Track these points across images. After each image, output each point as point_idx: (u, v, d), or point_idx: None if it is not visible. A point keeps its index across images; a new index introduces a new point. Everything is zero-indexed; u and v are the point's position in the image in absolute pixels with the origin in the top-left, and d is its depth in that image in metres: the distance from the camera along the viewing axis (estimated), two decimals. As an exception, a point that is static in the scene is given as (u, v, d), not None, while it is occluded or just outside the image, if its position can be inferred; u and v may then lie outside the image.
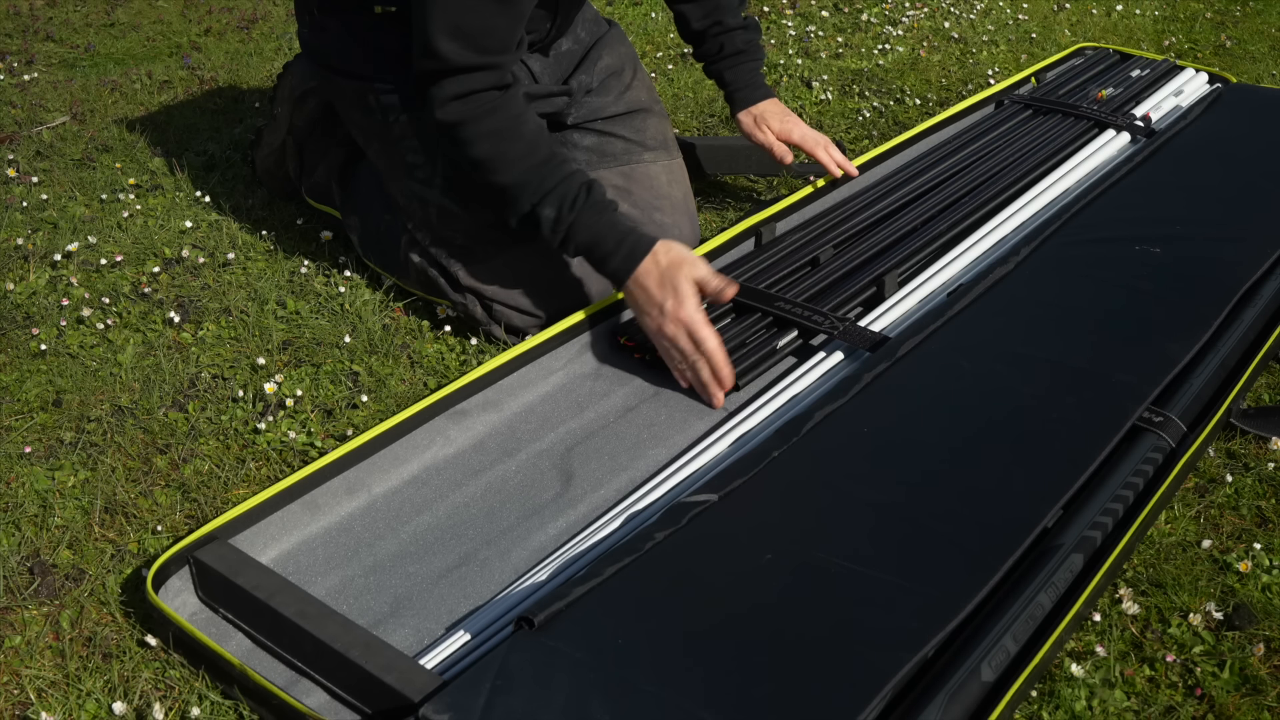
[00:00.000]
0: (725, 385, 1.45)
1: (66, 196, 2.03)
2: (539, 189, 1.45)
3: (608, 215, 1.46)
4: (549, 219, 1.45)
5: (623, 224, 1.47)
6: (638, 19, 2.94)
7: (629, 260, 1.45)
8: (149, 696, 1.11)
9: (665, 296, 1.43)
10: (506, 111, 1.45)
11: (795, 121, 1.84)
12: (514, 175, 1.45)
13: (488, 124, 1.44)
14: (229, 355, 1.62)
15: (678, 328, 1.43)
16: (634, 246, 1.45)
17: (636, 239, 1.45)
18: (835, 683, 0.98)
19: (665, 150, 1.75)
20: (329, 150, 1.86)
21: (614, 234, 1.45)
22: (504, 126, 1.45)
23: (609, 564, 1.10)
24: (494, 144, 1.45)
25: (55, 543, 1.29)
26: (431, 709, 0.96)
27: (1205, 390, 1.39)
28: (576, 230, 1.45)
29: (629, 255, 1.45)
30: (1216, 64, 2.60)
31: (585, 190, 1.45)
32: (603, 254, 1.45)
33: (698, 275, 1.45)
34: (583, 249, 1.47)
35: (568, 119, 1.70)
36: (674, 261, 1.45)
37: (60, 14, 2.96)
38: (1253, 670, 1.13)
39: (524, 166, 1.45)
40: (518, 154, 1.45)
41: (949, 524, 1.15)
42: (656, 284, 1.43)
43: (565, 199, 1.45)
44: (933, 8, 2.99)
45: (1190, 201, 1.76)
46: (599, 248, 1.45)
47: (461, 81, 1.43)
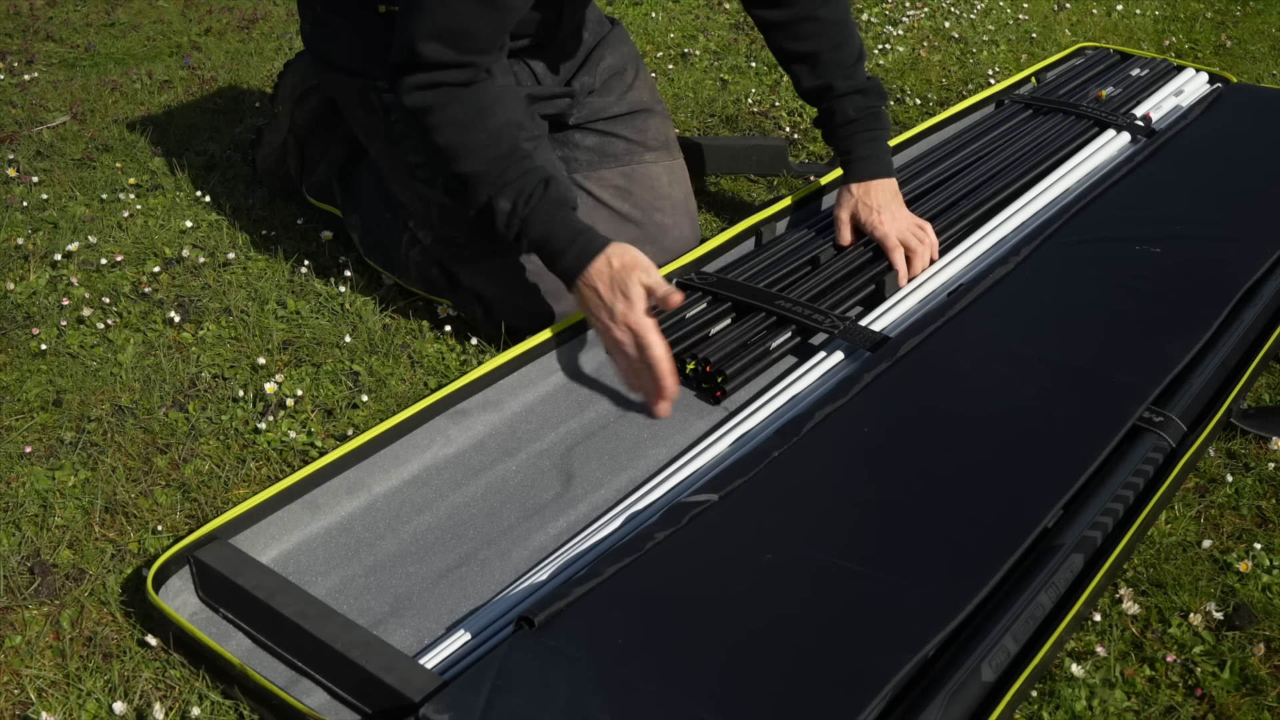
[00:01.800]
0: (668, 396, 1.43)
1: (67, 196, 2.03)
2: (497, 181, 1.44)
3: (563, 213, 1.45)
4: (504, 211, 1.44)
5: (577, 223, 1.45)
6: (638, 19, 2.93)
7: (580, 259, 1.43)
8: (149, 696, 1.11)
9: (615, 300, 1.41)
10: (473, 103, 1.44)
11: (889, 216, 1.68)
12: (474, 165, 1.44)
13: (453, 112, 1.43)
14: (229, 355, 1.62)
15: (625, 333, 1.41)
16: (586, 246, 1.43)
17: (590, 239, 1.44)
18: (835, 682, 0.98)
19: (666, 150, 1.75)
20: (330, 148, 1.86)
21: (567, 232, 1.44)
22: (469, 117, 1.44)
23: (609, 564, 1.10)
24: (457, 133, 1.44)
25: (55, 542, 1.29)
26: (432, 709, 0.96)
27: (1206, 390, 1.39)
28: (531, 225, 1.44)
29: (580, 254, 1.43)
30: (1217, 64, 2.60)
31: (543, 185, 1.44)
32: (555, 250, 1.44)
33: (648, 281, 1.42)
34: (536, 244, 1.45)
35: (570, 119, 1.70)
36: (626, 265, 1.42)
37: (60, 14, 2.96)
38: (1253, 670, 1.13)
39: (485, 157, 1.44)
40: (480, 144, 1.44)
41: (949, 524, 1.15)
42: (607, 286, 1.41)
43: (522, 193, 1.43)
44: (933, 7, 2.99)
45: (1190, 201, 1.76)
46: (552, 243, 1.44)
47: (433, 75, 1.42)
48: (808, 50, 1.66)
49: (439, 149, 1.45)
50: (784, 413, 1.40)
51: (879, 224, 1.67)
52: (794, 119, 2.35)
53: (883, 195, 1.69)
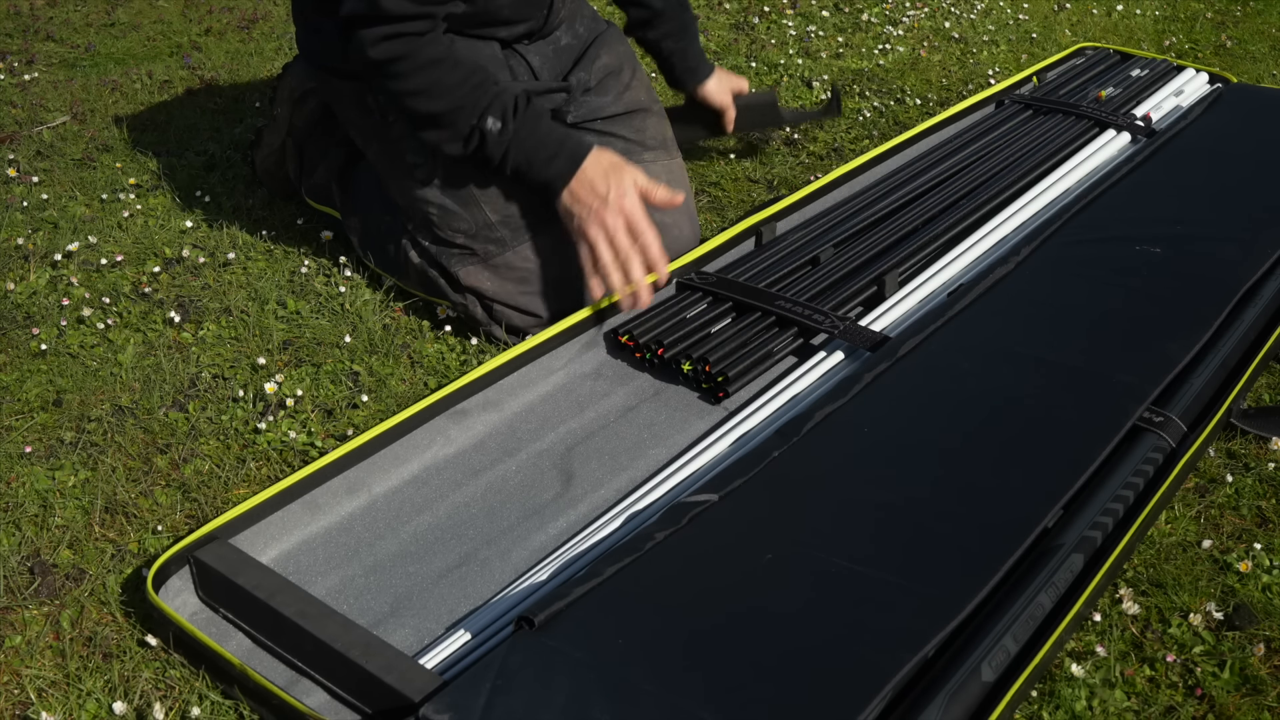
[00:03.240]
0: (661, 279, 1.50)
1: (67, 196, 2.03)
2: (477, 106, 1.46)
3: (547, 121, 1.48)
4: (494, 130, 1.46)
5: (562, 129, 1.49)
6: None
7: (573, 158, 1.47)
8: (149, 696, 1.11)
9: (609, 188, 1.45)
10: (439, 46, 1.46)
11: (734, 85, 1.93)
12: (453, 99, 1.46)
13: (423, 56, 1.45)
14: (229, 355, 1.62)
15: (618, 218, 1.45)
16: (576, 146, 1.48)
17: (578, 140, 1.49)
18: (835, 682, 0.98)
19: (665, 150, 1.75)
20: (329, 151, 1.86)
21: (555, 135, 1.48)
22: (440, 56, 1.46)
23: (609, 564, 1.10)
24: (429, 74, 1.46)
25: (55, 542, 1.29)
26: (431, 709, 0.96)
27: (1206, 390, 1.39)
28: (521, 136, 1.47)
29: (573, 154, 1.47)
30: (1217, 64, 2.60)
31: (525, 98, 1.48)
32: (546, 156, 1.47)
33: (640, 179, 1.47)
34: (525, 155, 1.48)
35: (567, 118, 1.70)
36: (617, 162, 1.48)
37: (61, 14, 2.96)
38: (1253, 670, 1.13)
39: (463, 90, 1.46)
40: (455, 80, 1.46)
41: (949, 524, 1.15)
42: (601, 176, 1.46)
43: (507, 108, 1.46)
44: (933, 8, 2.99)
45: (1190, 201, 1.76)
46: (543, 150, 1.47)
47: (396, 27, 1.44)
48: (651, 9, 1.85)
49: (411, 93, 1.47)
50: (784, 413, 1.40)
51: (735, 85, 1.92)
52: (794, 119, 2.35)
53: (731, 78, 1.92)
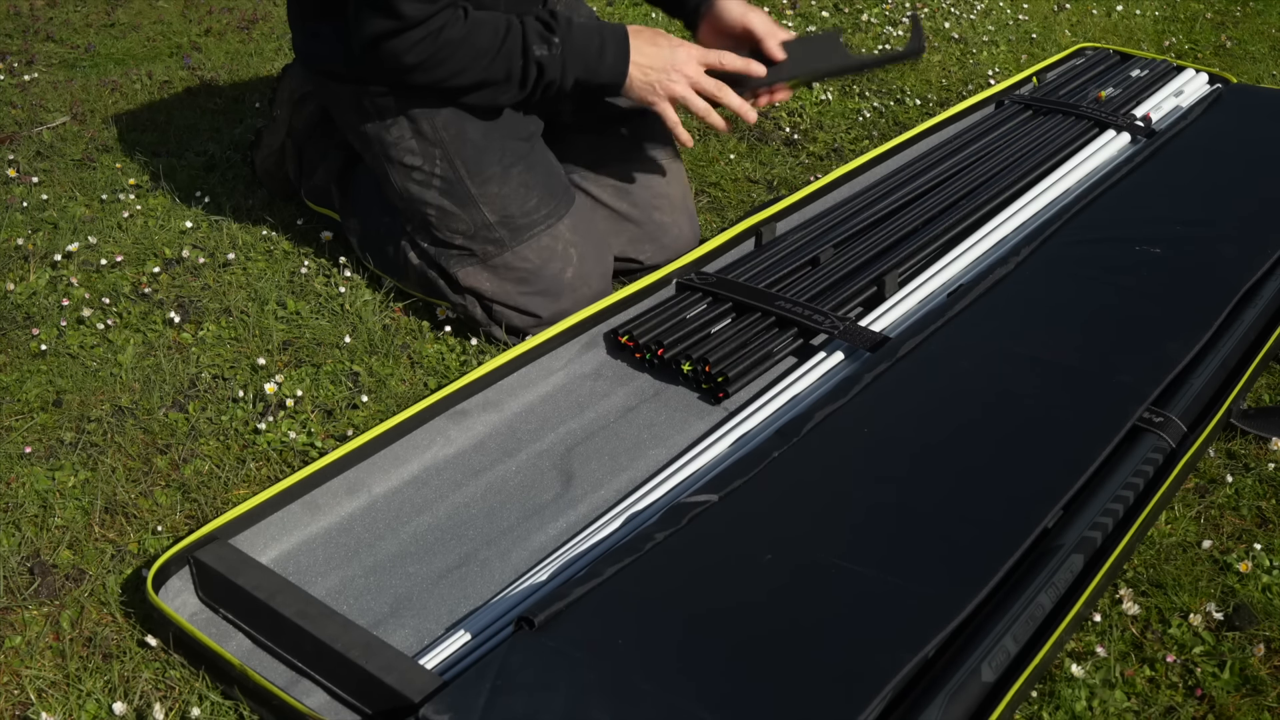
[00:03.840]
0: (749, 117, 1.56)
1: (67, 197, 2.03)
2: (521, 45, 1.48)
3: (576, 24, 1.51)
4: (545, 56, 1.49)
5: (590, 24, 1.52)
6: (638, 19, 2.93)
7: (620, 43, 1.51)
8: (149, 697, 1.11)
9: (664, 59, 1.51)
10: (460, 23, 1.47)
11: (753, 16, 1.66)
12: (494, 58, 1.48)
13: (452, 35, 1.46)
14: (229, 355, 1.62)
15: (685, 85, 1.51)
16: (615, 32, 1.51)
17: (612, 28, 1.52)
18: (835, 683, 0.98)
19: (664, 150, 1.75)
20: (328, 153, 1.86)
21: (592, 32, 1.51)
22: (465, 32, 1.47)
23: (609, 564, 1.10)
24: (464, 50, 1.47)
25: (55, 543, 1.29)
26: (431, 709, 0.96)
27: (1205, 391, 1.39)
28: (569, 48, 1.49)
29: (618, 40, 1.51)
30: (1217, 64, 2.60)
31: (548, 13, 1.51)
32: (596, 53, 1.50)
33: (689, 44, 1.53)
34: (581, 62, 1.50)
35: (565, 118, 1.70)
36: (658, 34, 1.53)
37: (60, 14, 2.96)
38: (1253, 671, 1.13)
39: (497, 44, 1.48)
40: (487, 40, 1.48)
41: (949, 524, 1.15)
42: (650, 46, 1.50)
43: (543, 32, 1.49)
44: (933, 8, 2.99)
45: (1190, 202, 1.76)
46: (590, 49, 1.50)
47: (423, 29, 1.45)
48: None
49: (455, 74, 1.49)
50: (784, 413, 1.40)
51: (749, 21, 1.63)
52: (794, 119, 2.35)
53: None
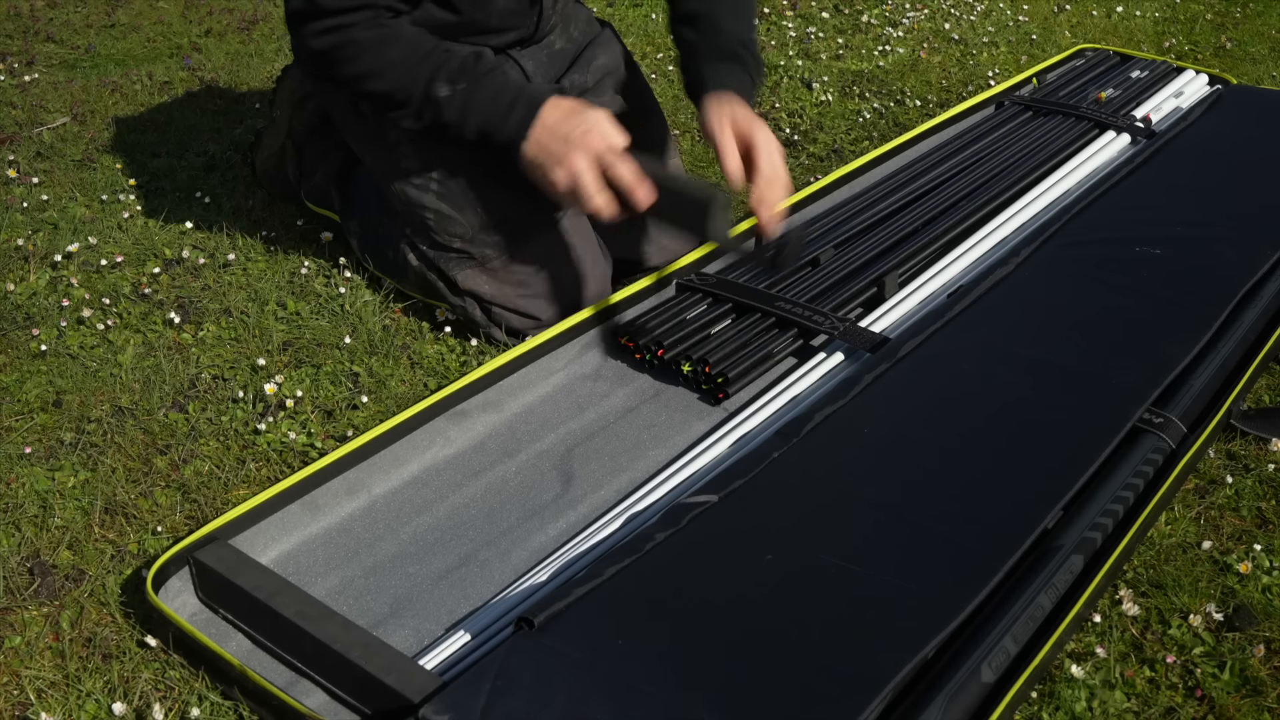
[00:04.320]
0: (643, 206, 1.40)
1: (67, 197, 2.03)
2: (428, 74, 1.42)
3: (499, 75, 1.43)
4: (444, 96, 1.42)
5: (516, 79, 1.44)
6: (638, 20, 2.94)
7: (530, 106, 1.40)
8: (149, 697, 1.11)
9: (571, 128, 1.39)
10: (380, 26, 1.43)
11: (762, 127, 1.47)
12: (401, 76, 1.43)
13: (364, 39, 1.43)
14: (229, 356, 1.62)
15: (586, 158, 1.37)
16: (533, 94, 1.42)
17: (534, 89, 1.43)
18: (835, 683, 0.98)
19: (663, 152, 1.75)
20: (327, 154, 1.86)
21: (509, 89, 1.42)
22: (380, 37, 1.43)
23: (609, 565, 1.10)
24: (374, 56, 1.43)
25: (55, 543, 1.29)
26: (431, 710, 0.96)
27: (1205, 391, 1.39)
28: (473, 94, 1.42)
29: (530, 103, 1.41)
30: (1217, 65, 2.60)
31: (473, 57, 1.44)
32: (502, 110, 1.41)
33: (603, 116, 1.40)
34: (483, 114, 1.42)
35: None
36: (575, 105, 1.41)
37: (61, 15, 2.96)
38: (1253, 671, 1.13)
39: (409, 64, 1.43)
40: (399, 56, 1.43)
41: (949, 525, 1.15)
42: (563, 118, 1.39)
43: (454, 70, 1.43)
44: (933, 9, 2.99)
45: (1190, 203, 1.76)
46: (496, 105, 1.42)
47: (335, 20, 1.42)
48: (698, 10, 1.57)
49: (361, 77, 1.44)
50: (784, 414, 1.40)
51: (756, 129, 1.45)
52: (794, 120, 2.35)
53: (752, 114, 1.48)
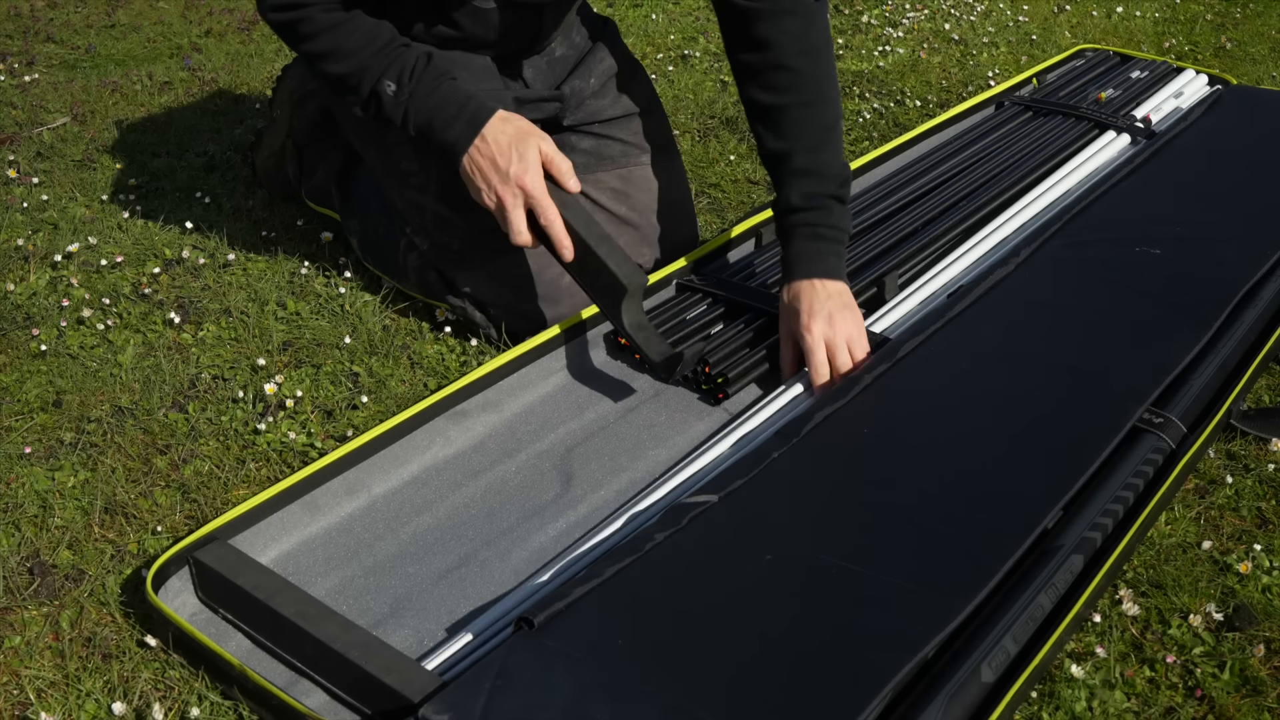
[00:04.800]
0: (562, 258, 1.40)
1: (67, 197, 2.03)
2: (378, 69, 1.41)
3: (448, 82, 1.41)
4: (389, 93, 1.41)
5: (465, 90, 1.41)
6: (638, 20, 2.94)
7: (473, 123, 1.38)
8: (149, 697, 1.11)
9: (510, 161, 1.36)
10: (340, 10, 1.43)
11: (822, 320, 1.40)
12: (354, 62, 1.42)
13: (323, 20, 1.42)
14: (229, 356, 1.62)
15: (515, 195, 1.37)
16: (478, 110, 1.39)
17: (480, 103, 1.40)
18: (835, 683, 0.98)
19: (663, 152, 1.75)
20: (328, 153, 1.86)
21: (456, 98, 1.40)
22: (340, 20, 1.42)
23: (609, 565, 1.10)
24: (331, 37, 1.42)
25: (55, 543, 1.29)
26: (431, 709, 0.96)
27: (1205, 391, 1.39)
28: (417, 97, 1.40)
29: (473, 118, 1.38)
30: (1217, 66, 2.60)
31: (425, 58, 1.41)
32: (446, 119, 1.39)
33: (546, 148, 1.38)
34: (425, 117, 1.41)
35: (564, 121, 1.70)
36: (522, 130, 1.37)
37: (61, 15, 2.96)
38: (1253, 671, 1.12)
39: (365, 53, 1.42)
40: (356, 43, 1.42)
41: (949, 525, 1.15)
42: (504, 147, 1.36)
43: (405, 69, 1.41)
44: (933, 9, 2.99)
45: (1190, 203, 1.76)
46: (442, 112, 1.40)
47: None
48: (775, 103, 1.48)
49: (317, 56, 1.44)
50: (784, 414, 1.40)
51: (808, 329, 1.40)
52: (794, 121, 2.35)
53: (816, 297, 1.41)
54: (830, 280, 1.43)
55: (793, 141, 1.48)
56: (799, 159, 1.48)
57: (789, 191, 1.48)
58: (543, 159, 1.38)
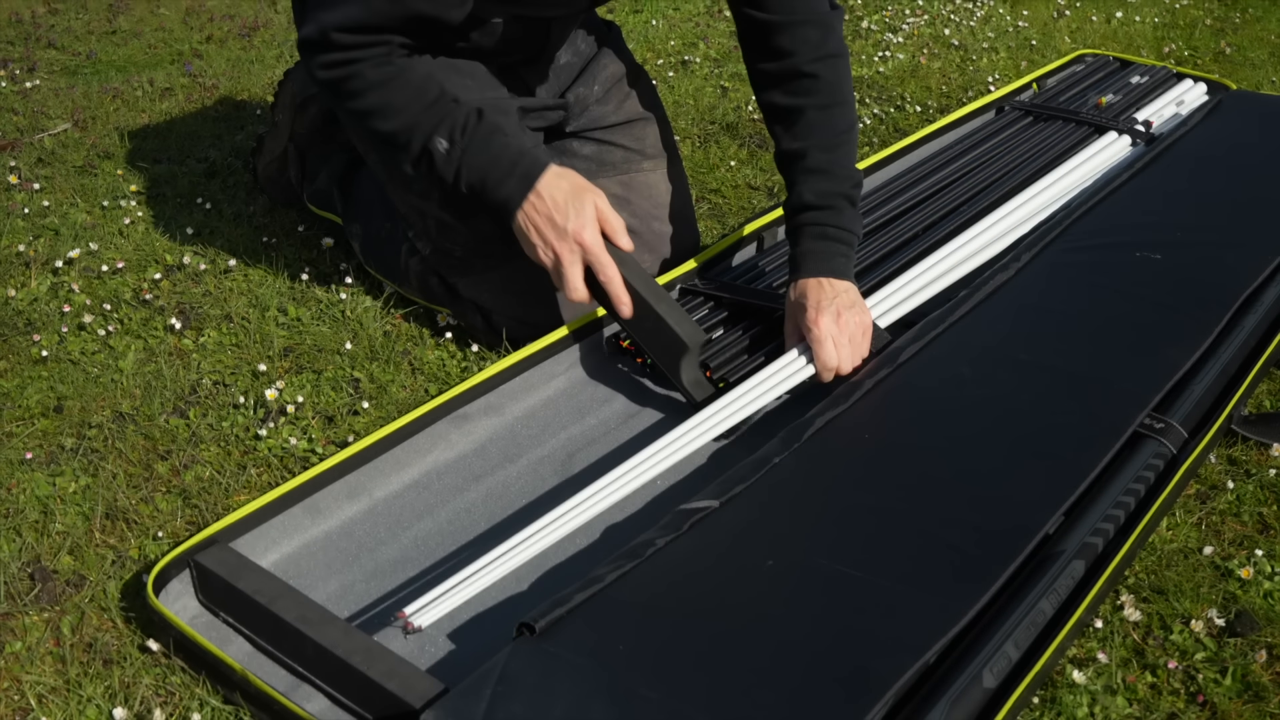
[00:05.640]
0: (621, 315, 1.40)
1: (68, 203, 2.03)
2: (430, 125, 1.40)
3: (501, 137, 1.40)
4: (442, 150, 1.39)
5: (517, 145, 1.40)
6: (639, 26, 2.94)
7: (527, 178, 1.37)
8: (150, 702, 1.11)
9: (567, 217, 1.36)
10: (392, 64, 1.41)
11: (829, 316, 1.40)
12: (404, 119, 1.41)
13: (372, 76, 1.40)
14: (230, 362, 1.62)
15: (573, 250, 1.36)
16: (531, 165, 1.38)
17: (533, 158, 1.39)
18: (837, 689, 0.98)
19: (665, 158, 1.75)
20: (330, 157, 1.87)
21: (509, 154, 1.39)
22: (389, 76, 1.41)
23: (610, 570, 1.10)
24: (380, 94, 1.41)
25: (56, 548, 1.29)
26: (432, 715, 0.96)
27: (1206, 397, 1.39)
28: (471, 154, 1.39)
29: (526, 174, 1.37)
30: (1216, 70, 2.61)
31: (476, 115, 1.40)
32: (499, 176, 1.38)
33: (600, 204, 1.38)
34: (478, 174, 1.39)
35: (566, 128, 1.70)
36: (578, 185, 1.37)
37: (62, 21, 2.96)
38: (1255, 677, 1.12)
39: (414, 109, 1.40)
40: (405, 99, 1.41)
41: (950, 530, 1.15)
42: (560, 204, 1.36)
43: (456, 126, 1.39)
44: (933, 14, 3.00)
45: (1190, 208, 1.76)
46: (494, 169, 1.38)
47: (345, 54, 1.40)
48: (793, 105, 1.51)
49: (365, 113, 1.42)
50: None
51: (814, 324, 1.40)
52: (794, 126, 2.35)
53: (824, 294, 1.41)
54: (838, 279, 1.43)
55: (808, 141, 1.50)
56: (813, 158, 1.50)
57: (801, 189, 1.49)
58: (597, 215, 1.38)
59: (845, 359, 1.40)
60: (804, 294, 1.43)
